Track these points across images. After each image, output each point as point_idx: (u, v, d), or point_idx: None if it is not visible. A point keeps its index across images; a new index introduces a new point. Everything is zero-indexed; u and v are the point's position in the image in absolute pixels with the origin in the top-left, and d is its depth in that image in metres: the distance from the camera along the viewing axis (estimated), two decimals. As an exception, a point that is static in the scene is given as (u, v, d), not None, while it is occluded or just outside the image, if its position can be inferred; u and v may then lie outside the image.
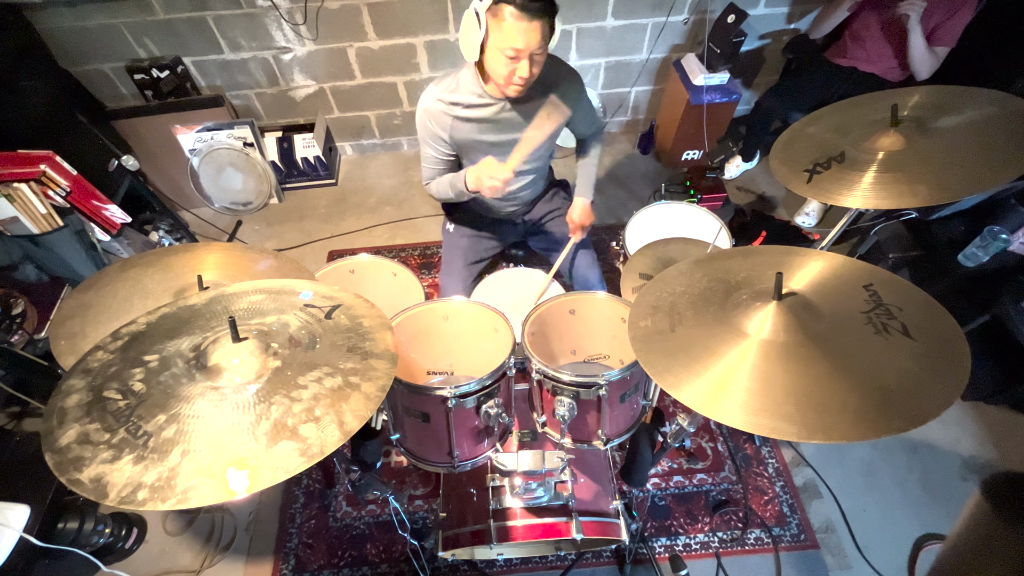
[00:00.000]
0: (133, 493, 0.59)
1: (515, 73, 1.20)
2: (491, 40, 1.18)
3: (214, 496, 0.59)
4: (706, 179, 2.36)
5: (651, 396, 1.23)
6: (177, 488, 0.60)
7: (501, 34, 1.15)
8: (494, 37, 1.17)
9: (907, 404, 0.65)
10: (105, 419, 0.67)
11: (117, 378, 0.73)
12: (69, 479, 0.61)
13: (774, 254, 0.97)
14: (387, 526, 1.63)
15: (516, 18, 1.11)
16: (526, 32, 1.13)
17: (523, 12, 1.10)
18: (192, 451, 0.63)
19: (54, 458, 0.63)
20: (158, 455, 0.62)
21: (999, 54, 2.02)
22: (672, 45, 2.62)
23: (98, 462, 0.62)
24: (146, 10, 2.25)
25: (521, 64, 1.19)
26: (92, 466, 0.62)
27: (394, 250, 2.49)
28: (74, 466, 0.62)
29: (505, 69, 1.21)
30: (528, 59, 1.18)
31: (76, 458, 0.63)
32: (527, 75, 1.21)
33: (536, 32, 1.14)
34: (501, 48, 1.17)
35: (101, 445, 0.64)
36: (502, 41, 1.16)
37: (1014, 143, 0.96)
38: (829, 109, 1.26)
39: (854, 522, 1.61)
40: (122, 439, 0.64)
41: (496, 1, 1.11)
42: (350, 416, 0.69)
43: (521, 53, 1.17)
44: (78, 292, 1.10)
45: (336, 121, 2.82)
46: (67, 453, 0.63)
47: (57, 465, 0.62)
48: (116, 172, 1.86)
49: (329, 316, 0.86)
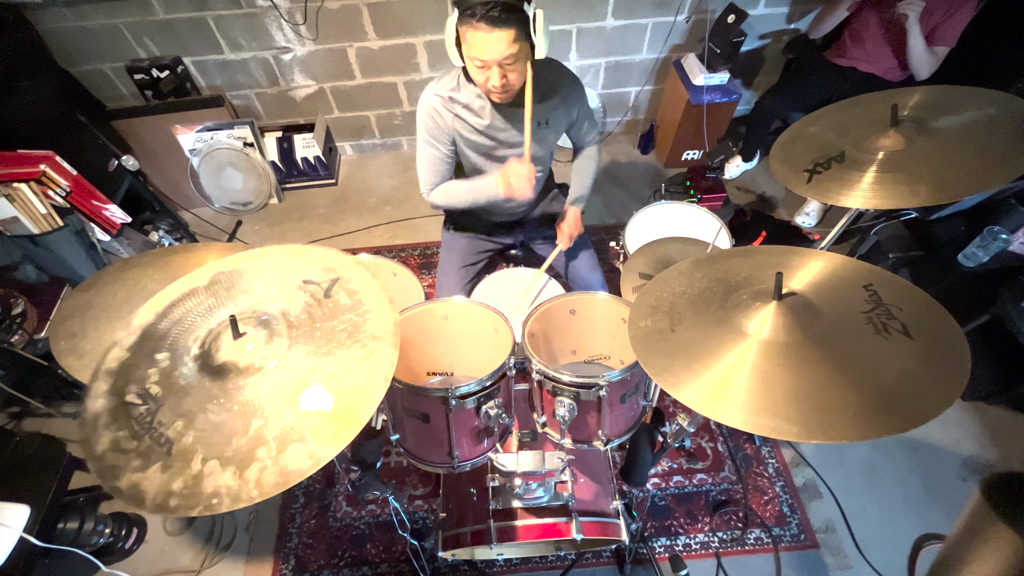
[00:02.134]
0: (166, 500, 0.59)
1: (488, 80, 1.21)
2: (463, 50, 1.19)
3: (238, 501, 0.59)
4: (706, 179, 2.36)
5: (651, 396, 1.23)
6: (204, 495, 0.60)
7: (468, 44, 1.16)
8: (464, 47, 1.18)
9: (907, 404, 0.65)
10: (131, 426, 0.67)
11: (135, 380, 0.73)
12: (111, 487, 0.61)
13: (774, 254, 0.96)
14: (387, 526, 1.63)
15: (478, 30, 1.12)
16: (490, 43, 1.13)
17: (484, 23, 1.10)
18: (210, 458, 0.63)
19: (95, 466, 0.63)
20: (181, 463, 0.63)
21: (999, 54, 2.02)
22: (672, 45, 2.62)
23: (130, 470, 0.62)
24: (146, 10, 2.25)
25: (492, 72, 1.19)
26: (126, 474, 0.62)
27: (394, 250, 2.49)
28: (112, 474, 0.62)
29: (480, 77, 1.22)
30: (498, 68, 1.18)
31: (112, 466, 0.63)
32: (498, 83, 1.21)
33: (501, 42, 1.13)
34: (470, 58, 1.18)
35: (131, 453, 0.64)
36: (469, 51, 1.17)
37: (1014, 143, 0.96)
38: (829, 109, 1.26)
39: (854, 522, 1.61)
40: (148, 447, 0.65)
41: (462, 13, 1.12)
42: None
43: (487, 63, 1.17)
44: (78, 292, 1.10)
45: (336, 121, 2.82)
46: (104, 461, 0.63)
47: (99, 472, 0.63)
48: (116, 172, 1.86)
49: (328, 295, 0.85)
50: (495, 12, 1.09)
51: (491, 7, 1.08)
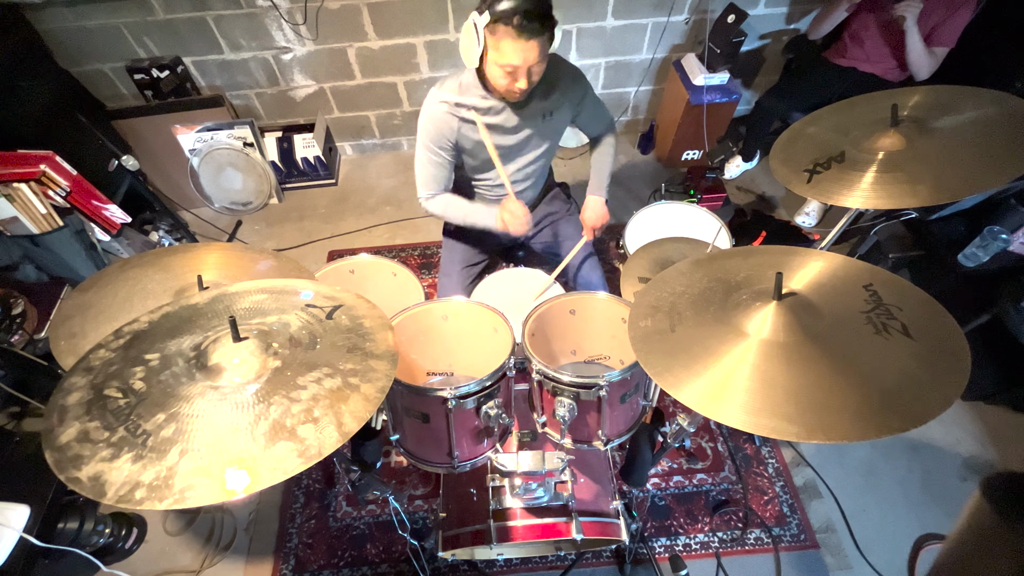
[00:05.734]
0: (131, 492, 0.59)
1: (514, 85, 1.21)
2: (489, 55, 1.18)
3: (211, 496, 0.59)
4: (706, 179, 2.36)
5: (651, 396, 1.23)
6: (175, 487, 0.59)
7: (498, 52, 1.15)
8: (492, 53, 1.17)
9: (907, 404, 0.65)
10: (105, 417, 0.67)
11: (118, 376, 0.73)
12: (68, 477, 0.60)
13: (774, 254, 0.96)
14: (387, 526, 1.63)
15: (513, 38, 1.11)
16: (523, 51, 1.13)
17: (520, 32, 1.10)
18: (190, 450, 0.63)
19: (54, 456, 0.63)
20: (156, 454, 0.62)
21: (999, 54, 2.01)
22: (672, 45, 2.62)
23: (97, 460, 0.62)
24: (146, 10, 2.25)
25: (520, 77, 1.20)
26: (91, 464, 0.61)
27: (394, 250, 2.49)
28: (73, 464, 0.62)
29: (504, 82, 1.22)
30: (526, 72, 1.19)
31: (75, 456, 0.62)
32: (526, 87, 1.22)
33: (534, 51, 1.14)
34: (499, 63, 1.17)
35: (100, 443, 0.63)
36: (499, 58, 1.16)
37: (1014, 143, 0.96)
38: (829, 109, 1.26)
39: (854, 522, 1.60)
40: (121, 437, 0.64)
41: (494, 20, 1.11)
42: (349, 417, 0.69)
43: (519, 70, 1.17)
44: (78, 292, 1.10)
45: (336, 121, 2.82)
46: (67, 451, 0.63)
47: (57, 463, 0.62)
48: (116, 172, 1.86)
49: (330, 316, 0.86)
50: (535, 23, 1.10)
51: (530, 16, 1.08)
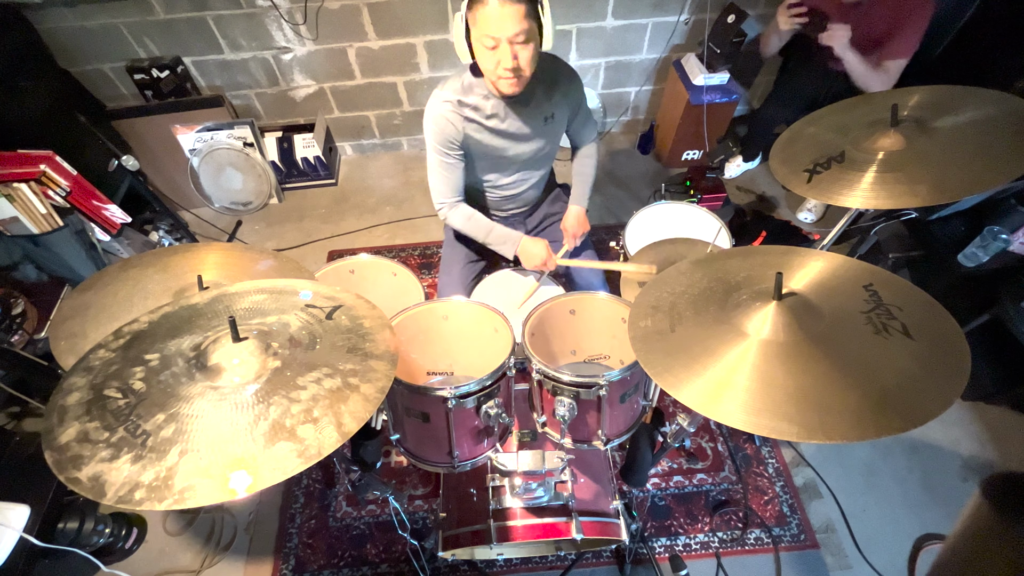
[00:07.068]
0: (131, 492, 0.59)
1: (499, 64, 1.19)
2: (473, 35, 1.19)
3: (211, 496, 0.59)
4: (706, 179, 2.36)
5: (651, 396, 1.23)
6: (175, 488, 0.59)
7: (478, 25, 1.16)
8: (474, 31, 1.18)
9: (907, 404, 0.65)
10: (105, 417, 0.67)
11: (118, 376, 0.73)
12: (68, 477, 0.60)
13: (774, 254, 0.96)
14: (387, 526, 1.63)
15: (488, 4, 1.12)
16: (502, 18, 1.12)
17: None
18: (190, 451, 0.63)
19: (53, 456, 0.63)
20: (156, 454, 0.62)
21: (999, 54, 2.01)
22: (672, 45, 2.62)
23: (96, 460, 0.62)
24: (146, 10, 2.25)
25: (502, 52, 1.17)
26: (91, 464, 0.61)
27: (394, 250, 2.49)
28: (73, 464, 0.62)
29: (490, 62, 1.20)
30: (509, 46, 1.16)
31: (75, 456, 0.62)
32: (510, 64, 1.18)
33: (512, 18, 1.13)
34: (481, 39, 1.17)
35: (100, 444, 0.63)
36: (480, 30, 1.16)
37: (1014, 143, 0.96)
38: (829, 109, 1.26)
39: (854, 522, 1.60)
40: (121, 438, 0.64)
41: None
42: (348, 418, 0.69)
43: (499, 40, 1.16)
44: (78, 292, 1.10)
45: (336, 121, 2.82)
46: (66, 451, 0.63)
47: (56, 463, 0.62)
48: (116, 172, 1.86)
49: (330, 317, 0.86)
50: None
51: None
